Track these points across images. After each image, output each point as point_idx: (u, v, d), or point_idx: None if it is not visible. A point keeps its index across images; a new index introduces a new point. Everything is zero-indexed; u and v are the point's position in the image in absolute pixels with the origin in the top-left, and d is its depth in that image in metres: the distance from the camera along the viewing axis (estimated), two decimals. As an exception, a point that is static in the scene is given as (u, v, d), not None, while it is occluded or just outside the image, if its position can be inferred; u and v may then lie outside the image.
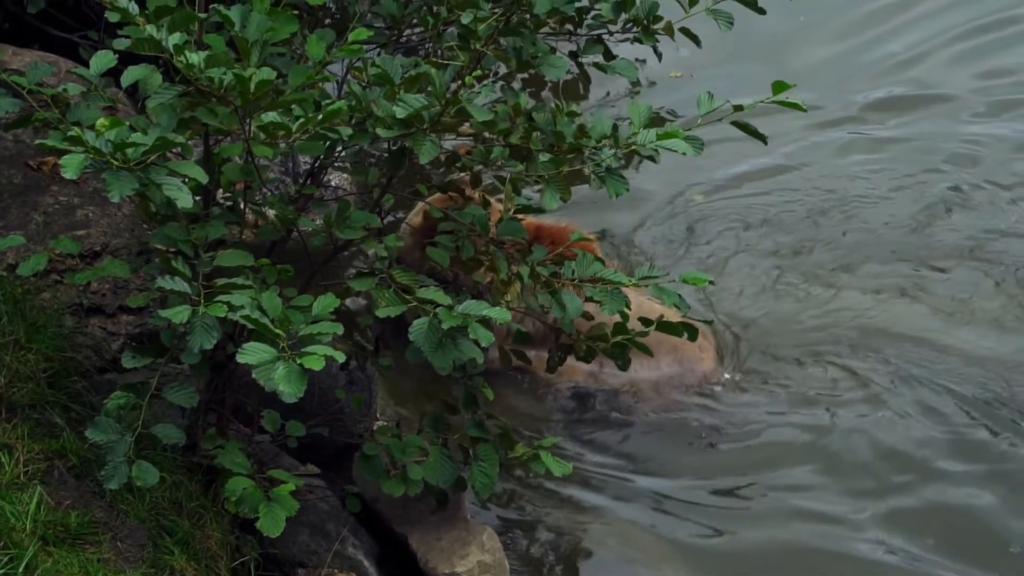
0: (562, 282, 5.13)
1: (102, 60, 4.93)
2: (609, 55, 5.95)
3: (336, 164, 6.17)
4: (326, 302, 4.46)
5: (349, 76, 5.07)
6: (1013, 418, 6.77)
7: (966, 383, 6.98)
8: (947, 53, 9.68)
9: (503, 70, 6.01)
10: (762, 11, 5.56)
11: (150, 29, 4.41)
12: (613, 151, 4.87)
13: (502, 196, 5.40)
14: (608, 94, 9.04)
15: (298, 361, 4.11)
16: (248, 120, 4.57)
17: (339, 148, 5.05)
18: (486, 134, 5.02)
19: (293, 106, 4.58)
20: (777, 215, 8.19)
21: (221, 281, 4.53)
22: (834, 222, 8.15)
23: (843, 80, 9.36)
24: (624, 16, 5.86)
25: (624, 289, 5.01)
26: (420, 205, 6.61)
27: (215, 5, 4.65)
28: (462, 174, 5.61)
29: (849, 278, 7.70)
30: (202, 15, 4.64)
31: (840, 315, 7.46)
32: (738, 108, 4.90)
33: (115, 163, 4.23)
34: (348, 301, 5.36)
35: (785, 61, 9.35)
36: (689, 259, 7.83)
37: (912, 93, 9.31)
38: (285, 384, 4.07)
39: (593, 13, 5.93)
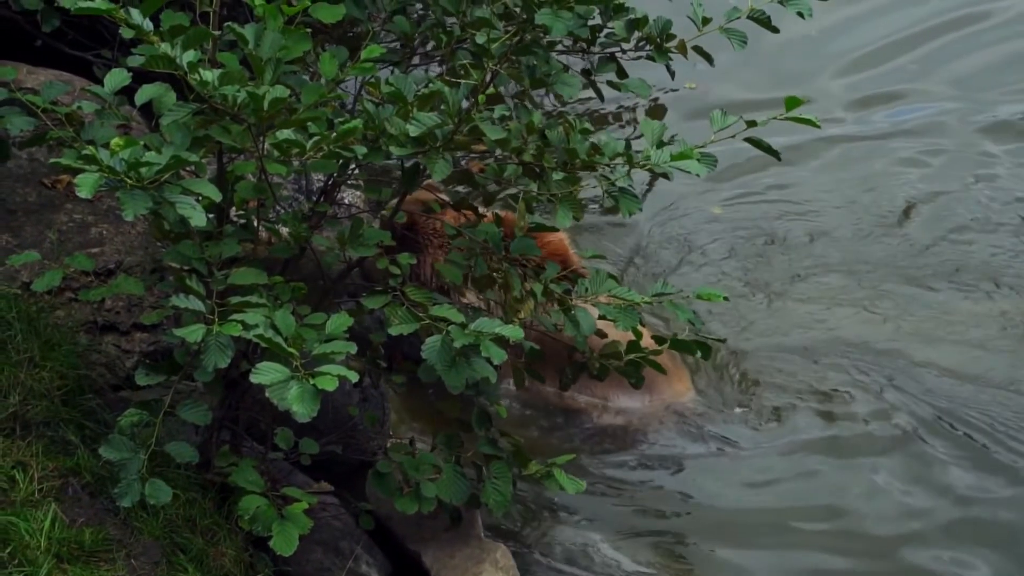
0: (574, 299, 5.13)
1: (116, 78, 4.96)
2: (622, 73, 5.95)
3: (349, 182, 6.17)
4: (339, 320, 4.46)
5: (363, 93, 5.07)
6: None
7: (961, 407, 6.84)
8: (918, 51, 9.67)
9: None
10: (775, 30, 5.55)
11: (164, 47, 4.43)
12: (627, 169, 4.87)
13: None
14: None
15: (311, 381, 4.11)
16: (262, 138, 4.58)
17: (352, 166, 5.06)
18: (499, 152, 5.03)
19: (309, 123, 4.59)
20: (762, 224, 8.18)
21: (235, 299, 4.53)
22: (813, 232, 8.14)
23: (815, 76, 9.26)
24: (637, 34, 5.87)
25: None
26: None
27: (229, 23, 4.66)
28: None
29: (836, 294, 7.65)
30: (216, 33, 4.65)
31: (833, 336, 7.38)
32: (751, 124, 4.89)
33: (129, 182, 4.24)
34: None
35: (759, 49, 9.19)
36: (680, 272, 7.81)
37: (886, 90, 9.30)
38: (298, 404, 4.07)
39: (606, 32, 5.94)
